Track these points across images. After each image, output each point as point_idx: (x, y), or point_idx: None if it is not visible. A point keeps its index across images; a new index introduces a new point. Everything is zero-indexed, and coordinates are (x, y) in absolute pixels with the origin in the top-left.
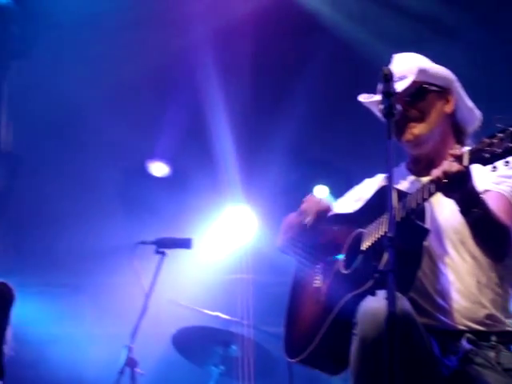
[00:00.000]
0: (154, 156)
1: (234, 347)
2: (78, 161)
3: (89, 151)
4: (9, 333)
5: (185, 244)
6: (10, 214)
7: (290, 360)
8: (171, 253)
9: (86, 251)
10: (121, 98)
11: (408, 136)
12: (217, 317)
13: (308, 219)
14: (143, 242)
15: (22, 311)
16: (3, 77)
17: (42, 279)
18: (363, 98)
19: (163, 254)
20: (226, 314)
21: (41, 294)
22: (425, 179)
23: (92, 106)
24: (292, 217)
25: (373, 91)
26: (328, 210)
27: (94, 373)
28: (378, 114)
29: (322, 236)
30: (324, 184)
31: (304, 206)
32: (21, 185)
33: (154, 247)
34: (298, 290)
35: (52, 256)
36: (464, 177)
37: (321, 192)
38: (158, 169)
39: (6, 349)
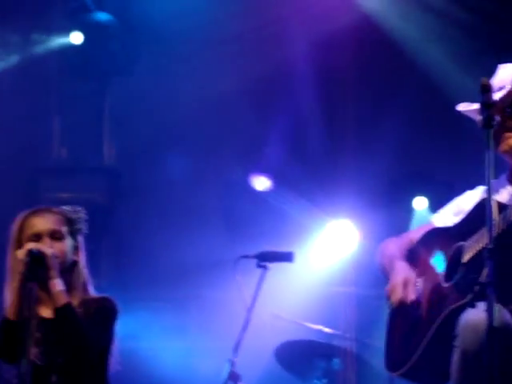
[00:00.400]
0: (256, 170)
1: (336, 360)
2: (178, 174)
3: (190, 165)
4: (114, 347)
5: (287, 257)
6: (114, 229)
7: (391, 374)
8: (273, 266)
9: (189, 265)
10: (222, 112)
11: (504, 147)
12: (319, 330)
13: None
14: (245, 256)
15: (128, 326)
16: (105, 93)
17: (146, 294)
18: (462, 106)
19: (265, 267)
20: (329, 328)
21: (145, 309)
22: None
23: (194, 120)
24: (389, 247)
25: (473, 100)
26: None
27: None
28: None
29: (423, 252)
30: (424, 196)
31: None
32: (123, 200)
33: (255, 261)
34: None
35: (155, 270)
36: None
37: (420, 204)
38: (261, 183)
39: (112, 363)
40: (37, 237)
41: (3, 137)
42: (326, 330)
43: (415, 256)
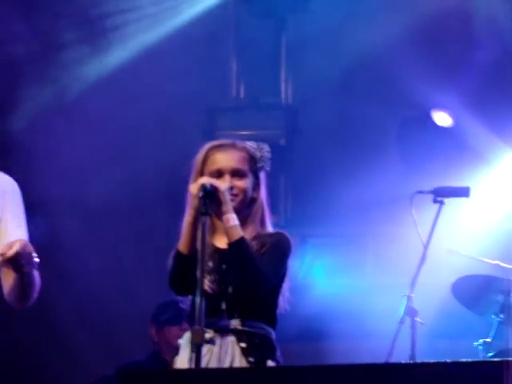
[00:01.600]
0: (439, 105)
1: None
2: (355, 111)
3: (370, 100)
4: (286, 284)
5: (463, 192)
6: (291, 166)
7: None
8: (449, 202)
9: (366, 201)
10: (409, 45)
11: None
12: (497, 265)
13: None
14: (421, 192)
15: (305, 263)
16: (282, 30)
17: (323, 230)
18: None
19: (441, 203)
20: (506, 263)
21: (322, 246)
22: None
23: (370, 58)
24: None
25: None
26: None
27: (374, 322)
28: None
29: None
30: None
31: None
32: (301, 137)
33: (431, 196)
34: None
35: (332, 207)
36: None
37: None
38: (442, 118)
39: (282, 301)
40: (218, 173)
41: (182, 76)
42: (504, 265)
43: None
